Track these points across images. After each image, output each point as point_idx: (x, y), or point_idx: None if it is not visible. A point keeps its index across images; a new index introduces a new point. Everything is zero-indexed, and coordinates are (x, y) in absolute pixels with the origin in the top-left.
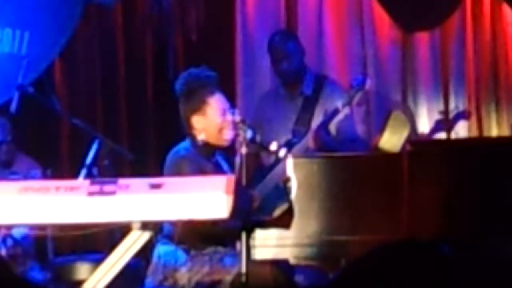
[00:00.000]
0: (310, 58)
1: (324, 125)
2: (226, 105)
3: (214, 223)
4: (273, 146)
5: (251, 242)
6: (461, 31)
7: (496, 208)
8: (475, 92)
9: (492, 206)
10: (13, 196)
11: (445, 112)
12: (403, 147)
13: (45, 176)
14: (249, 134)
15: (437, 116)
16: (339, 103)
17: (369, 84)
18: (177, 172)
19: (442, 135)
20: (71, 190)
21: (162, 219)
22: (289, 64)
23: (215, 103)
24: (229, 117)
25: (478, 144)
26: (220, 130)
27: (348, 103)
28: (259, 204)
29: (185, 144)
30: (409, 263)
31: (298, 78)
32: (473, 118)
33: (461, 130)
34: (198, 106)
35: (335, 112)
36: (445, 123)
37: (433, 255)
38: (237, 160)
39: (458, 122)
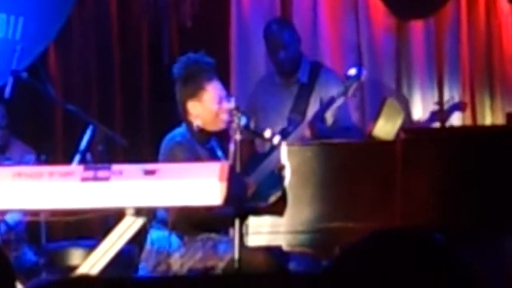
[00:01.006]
0: (305, 46)
1: (320, 114)
2: (223, 92)
3: (208, 209)
4: (267, 133)
5: (245, 229)
6: (455, 19)
7: (490, 196)
8: (469, 81)
9: (486, 194)
10: (7, 181)
11: (440, 103)
12: (397, 134)
13: (39, 162)
14: (243, 121)
15: (431, 107)
16: (334, 93)
17: (365, 75)
18: (172, 157)
19: (437, 125)
20: (65, 175)
21: (155, 205)
22: (286, 53)
23: (212, 90)
24: (225, 104)
25: (472, 132)
26: (216, 116)
27: (344, 94)
28: (254, 192)
29: (180, 130)
30: (402, 252)
31: (295, 67)
32: (467, 107)
33: (456, 120)
34: (195, 92)
35: (331, 102)
36: (440, 114)
37: (427, 243)
38: (231, 146)
39: (452, 114)
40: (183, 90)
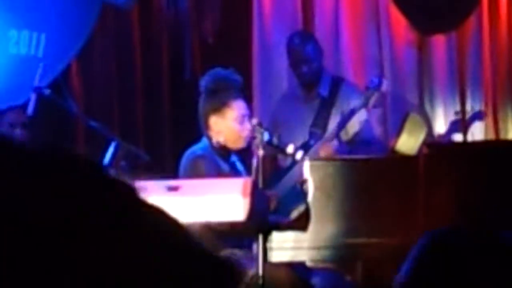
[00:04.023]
0: (327, 60)
1: (342, 125)
2: (247, 112)
3: (231, 225)
4: (290, 149)
5: (268, 245)
6: (477, 33)
7: None
8: (491, 94)
9: (509, 209)
10: None
11: (462, 112)
12: (420, 149)
13: None
14: (266, 136)
15: (453, 117)
16: (355, 104)
17: (385, 85)
18: (194, 171)
19: (458, 136)
20: None
21: None
22: (309, 67)
23: (237, 108)
24: (247, 125)
25: (495, 147)
26: (236, 135)
27: (365, 105)
28: (276, 206)
29: (201, 144)
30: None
31: (317, 80)
32: (490, 119)
33: (477, 131)
34: (219, 107)
35: (351, 113)
36: (461, 124)
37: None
38: (254, 162)
39: (474, 123)
40: (207, 103)
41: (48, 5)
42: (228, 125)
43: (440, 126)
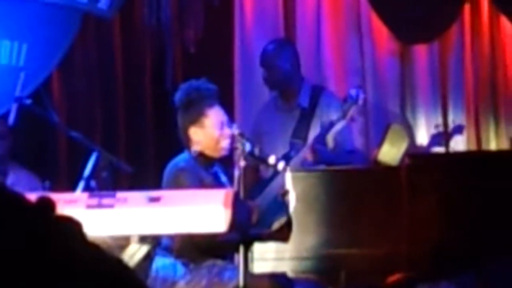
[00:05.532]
0: (308, 70)
1: (320, 138)
2: (225, 118)
3: (213, 236)
4: (272, 160)
5: (250, 255)
6: (459, 43)
7: (496, 221)
8: (473, 104)
9: (492, 219)
10: None
11: (443, 125)
12: (402, 160)
13: (43, 189)
14: (247, 147)
15: (434, 130)
16: (333, 117)
17: (363, 98)
18: (176, 184)
19: (439, 149)
20: (69, 203)
21: (160, 233)
22: (272, 73)
23: (214, 116)
24: (226, 130)
25: (477, 158)
26: (217, 142)
27: (342, 117)
28: (257, 217)
29: (184, 156)
30: None
31: (286, 87)
32: (472, 130)
33: (459, 143)
34: (197, 118)
35: (330, 126)
36: (443, 136)
37: None
38: (236, 173)
39: (455, 136)
40: (184, 116)
41: (29, 14)
42: (207, 134)
43: (422, 136)
